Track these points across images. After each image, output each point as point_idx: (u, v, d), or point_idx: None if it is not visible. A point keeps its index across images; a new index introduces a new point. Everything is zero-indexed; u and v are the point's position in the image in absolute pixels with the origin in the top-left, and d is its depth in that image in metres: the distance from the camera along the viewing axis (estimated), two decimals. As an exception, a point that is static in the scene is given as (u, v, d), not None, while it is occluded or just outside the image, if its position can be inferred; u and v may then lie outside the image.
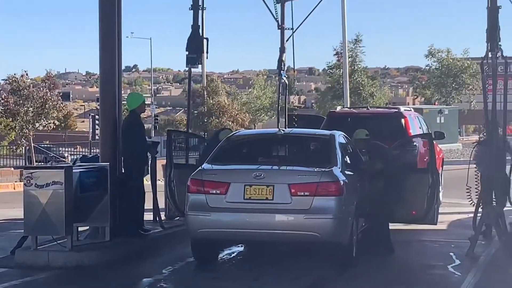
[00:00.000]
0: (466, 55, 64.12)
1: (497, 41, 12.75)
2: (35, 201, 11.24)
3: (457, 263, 11.90)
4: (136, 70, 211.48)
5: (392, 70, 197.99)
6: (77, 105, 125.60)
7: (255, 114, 63.99)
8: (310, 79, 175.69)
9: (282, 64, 20.51)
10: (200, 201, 10.91)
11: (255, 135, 14.66)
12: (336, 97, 55.26)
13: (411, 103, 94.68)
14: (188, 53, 15.34)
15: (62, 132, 65.82)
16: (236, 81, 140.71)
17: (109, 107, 13.03)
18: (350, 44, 53.69)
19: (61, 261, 11.28)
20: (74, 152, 47.12)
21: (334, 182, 10.76)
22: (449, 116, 47.88)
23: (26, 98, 38.17)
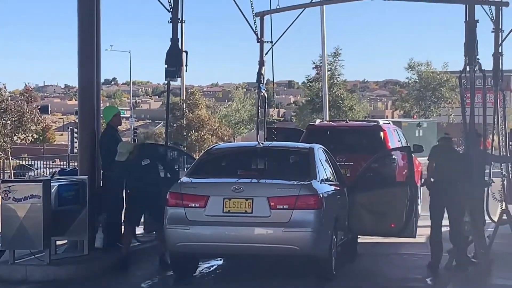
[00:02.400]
0: (446, 68, 64.60)
1: (475, 54, 12.82)
2: (12, 215, 11.18)
3: (435, 276, 11.92)
4: (115, 83, 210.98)
5: (371, 83, 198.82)
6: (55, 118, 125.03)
7: (235, 127, 63.95)
8: (290, 92, 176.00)
9: (261, 77, 20.51)
10: (179, 215, 10.87)
11: (234, 148, 14.65)
12: (315, 110, 55.38)
13: (390, 116, 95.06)
14: (167, 66, 15.30)
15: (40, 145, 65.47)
16: (216, 94, 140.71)
17: (87, 120, 13.00)
18: (330, 58, 53.92)
19: (38, 275, 11.20)
20: (53, 166, 46.86)
21: (313, 195, 10.76)
22: (428, 129, 48.02)
23: (4, 111, 37.94)
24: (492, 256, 12.63)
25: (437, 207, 12.42)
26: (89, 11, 12.93)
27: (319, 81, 52.50)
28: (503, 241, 14.03)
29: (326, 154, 12.61)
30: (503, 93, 16.73)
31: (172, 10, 15.29)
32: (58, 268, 11.38)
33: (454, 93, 60.54)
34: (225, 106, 72.56)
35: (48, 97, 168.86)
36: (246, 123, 66.37)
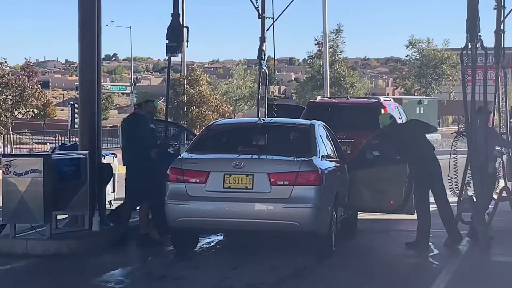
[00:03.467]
0: (447, 45, 64.37)
1: (476, 31, 12.78)
2: (13, 189, 11.20)
3: (435, 253, 11.98)
4: (116, 59, 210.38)
5: (372, 60, 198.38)
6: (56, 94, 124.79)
7: (235, 103, 63.89)
8: (290, 69, 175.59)
9: (262, 53, 20.50)
10: (180, 190, 10.90)
11: (235, 124, 14.66)
12: (316, 87, 55.29)
13: (391, 94, 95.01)
14: (168, 41, 15.27)
15: (41, 120, 65.47)
16: (216, 71, 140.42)
17: (88, 95, 12.98)
18: (331, 34, 53.75)
19: (39, 249, 11.25)
20: (54, 141, 46.89)
21: (314, 172, 10.78)
22: (428, 106, 48.01)
23: (5, 86, 37.91)
24: (492, 233, 12.67)
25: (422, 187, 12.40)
26: (90, -15, 12.87)
27: (320, 58, 52.37)
28: (503, 218, 14.07)
29: (327, 131, 12.62)
30: (504, 70, 16.73)
31: (173, -15, 15.25)
32: (59, 242, 11.42)
33: (455, 70, 60.40)
34: (225, 82, 72.48)
35: (49, 73, 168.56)
36: (247, 99, 66.33)
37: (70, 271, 10.36)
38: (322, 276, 10.20)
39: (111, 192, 15.36)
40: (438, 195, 12.40)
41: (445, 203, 12.40)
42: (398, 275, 10.41)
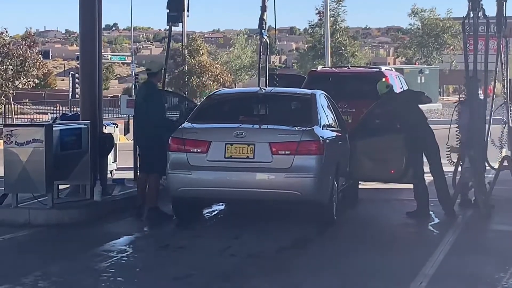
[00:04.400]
0: (449, 15, 64.07)
1: (478, 0, 12.73)
2: (15, 159, 11.22)
3: (436, 222, 12.02)
4: (116, 29, 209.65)
5: (373, 30, 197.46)
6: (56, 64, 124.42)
7: (236, 73, 63.78)
8: (291, 39, 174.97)
9: (263, 23, 20.39)
10: (181, 160, 10.92)
11: (236, 94, 14.66)
12: (317, 56, 55.13)
13: (392, 63, 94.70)
14: (169, 11, 15.24)
15: (42, 90, 65.39)
16: (217, 41, 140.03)
17: (89, 65, 12.95)
18: (332, 3, 53.50)
19: (41, 219, 11.29)
20: (54, 111, 46.89)
21: (315, 141, 10.79)
22: (429, 76, 47.99)
23: (6, 56, 37.83)
24: (492, 202, 12.70)
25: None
26: (90, -46, 12.80)
27: (321, 27, 52.18)
28: (504, 187, 14.09)
29: (328, 100, 12.60)
30: (506, 39, 16.64)
31: (174, -46, 15.20)
32: (61, 212, 11.46)
33: (457, 39, 60.12)
34: (226, 52, 72.28)
35: (49, 42, 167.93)
36: (248, 69, 66.19)
37: (72, 241, 10.41)
38: (324, 245, 10.24)
39: (112, 162, 15.39)
40: (431, 159, 12.40)
41: (439, 171, 12.39)
42: (398, 245, 10.44)
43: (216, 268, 8.77)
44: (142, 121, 11.96)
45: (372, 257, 9.41)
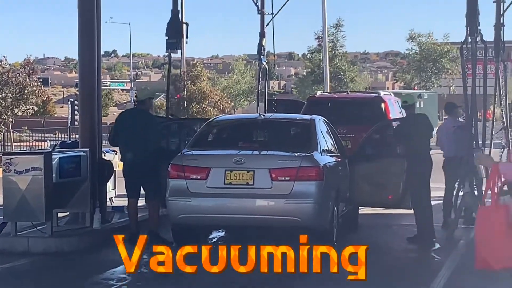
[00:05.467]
0: (447, 39, 64.34)
1: (476, 25, 12.79)
2: (14, 187, 11.19)
3: (437, 247, 11.97)
4: (115, 55, 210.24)
5: (371, 54, 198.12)
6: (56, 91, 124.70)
7: (235, 99, 63.91)
8: (290, 64, 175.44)
9: (262, 49, 20.52)
10: (181, 187, 10.90)
11: (236, 120, 14.66)
12: (316, 82, 55.29)
13: (391, 88, 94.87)
14: (167, 38, 15.27)
15: (41, 118, 65.44)
16: (216, 66, 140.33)
17: (88, 92, 12.97)
18: (331, 29, 53.73)
19: (40, 247, 11.24)
20: (54, 138, 46.87)
21: (315, 167, 10.77)
22: (428, 100, 47.95)
23: (5, 84, 37.87)
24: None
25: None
26: (89, -18, 12.85)
27: (320, 53, 52.34)
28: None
29: (327, 126, 12.60)
30: (504, 64, 16.70)
31: (172, -19, 15.26)
32: (60, 240, 11.42)
33: (455, 64, 60.38)
34: (225, 78, 72.47)
35: (48, 70, 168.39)
36: (247, 95, 66.33)
37: (72, 269, 10.36)
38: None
39: (111, 189, 15.35)
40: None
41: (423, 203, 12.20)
42: (399, 270, 10.40)
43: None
44: (140, 149, 11.89)
45: (374, 283, 9.35)
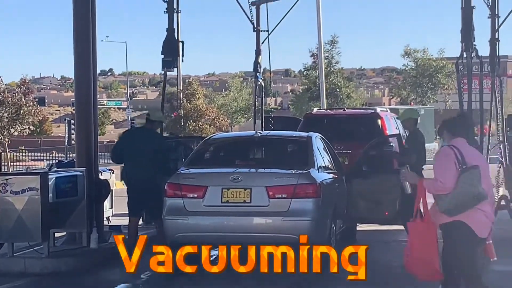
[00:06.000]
0: (442, 55, 64.50)
1: (471, 41, 12.83)
2: (10, 208, 11.17)
3: (435, 263, 11.90)
4: (112, 74, 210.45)
5: (367, 70, 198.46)
6: (52, 110, 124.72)
7: (232, 116, 63.97)
8: (286, 81, 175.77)
9: (258, 66, 20.57)
10: (178, 205, 10.87)
11: (232, 138, 14.65)
12: (312, 98, 55.34)
13: (387, 104, 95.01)
14: (163, 56, 15.30)
15: (37, 137, 65.42)
16: (213, 84, 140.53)
17: (84, 111, 12.96)
18: (327, 46, 53.85)
19: (37, 268, 11.20)
20: (50, 157, 46.84)
21: (312, 184, 10.75)
22: (425, 116, 48.01)
23: (1, 104, 37.91)
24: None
25: None
26: (84, 2, 12.88)
27: (316, 69, 52.44)
28: (502, 227, 14.01)
29: (324, 143, 12.59)
30: (500, 79, 16.73)
31: (167, 0, 15.29)
32: (57, 260, 11.37)
33: (451, 79, 60.48)
34: (222, 95, 72.53)
35: (45, 89, 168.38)
36: (243, 112, 66.39)
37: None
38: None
39: (108, 209, 15.32)
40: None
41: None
42: (398, 287, 10.35)
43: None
44: (148, 168, 11.84)
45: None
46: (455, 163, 7.65)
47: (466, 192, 7.53)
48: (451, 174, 7.60)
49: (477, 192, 7.60)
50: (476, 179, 7.59)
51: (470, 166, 7.64)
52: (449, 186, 7.59)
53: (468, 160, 7.70)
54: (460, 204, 7.58)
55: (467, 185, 7.53)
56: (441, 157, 7.85)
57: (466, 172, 7.57)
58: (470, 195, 7.54)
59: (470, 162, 7.68)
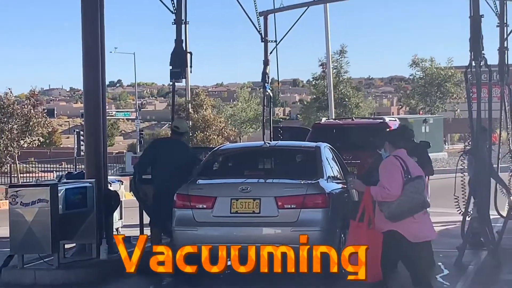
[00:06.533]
0: (450, 64, 64.44)
1: (480, 49, 12.80)
2: (20, 220, 11.18)
3: (445, 273, 11.90)
4: (120, 85, 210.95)
5: (376, 80, 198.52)
6: (61, 121, 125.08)
7: (240, 126, 63.97)
8: (295, 91, 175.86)
9: (266, 76, 20.57)
10: (187, 216, 10.87)
11: (241, 148, 14.64)
12: (321, 108, 55.34)
13: (396, 113, 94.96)
14: (172, 67, 15.31)
15: (47, 148, 65.57)
16: (221, 94, 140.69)
17: (93, 122, 12.98)
18: (335, 55, 53.84)
19: (47, 279, 11.21)
20: (60, 169, 46.93)
21: (321, 194, 10.74)
22: (434, 125, 48.00)
23: (11, 116, 38.00)
24: (501, 252, 12.60)
25: None
26: (93, 13, 12.92)
27: (324, 79, 52.44)
28: (511, 236, 13.98)
29: (333, 153, 12.59)
30: (509, 87, 16.70)
31: (175, 11, 15.33)
32: (67, 272, 11.38)
33: (459, 88, 60.40)
34: (230, 105, 72.58)
35: (54, 100, 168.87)
36: (252, 122, 66.36)
37: (79, 301, 10.31)
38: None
39: (118, 220, 15.32)
40: None
41: None
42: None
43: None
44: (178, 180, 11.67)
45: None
46: (401, 172, 8.17)
47: (412, 200, 8.07)
48: (398, 182, 8.13)
49: (422, 200, 8.20)
50: (421, 188, 8.20)
51: (416, 176, 8.18)
52: (395, 194, 8.11)
53: (412, 170, 8.23)
54: (407, 210, 8.10)
55: (413, 194, 8.07)
56: (388, 166, 8.31)
57: (413, 182, 8.11)
58: (416, 202, 8.10)
59: (413, 172, 8.23)
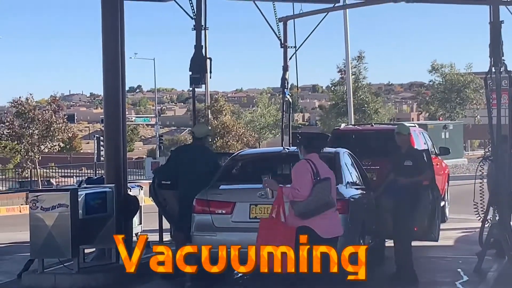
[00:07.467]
0: (470, 69, 64.23)
1: (500, 55, 12.76)
2: (41, 224, 11.25)
3: (465, 279, 11.85)
4: (140, 91, 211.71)
5: (395, 86, 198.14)
6: (81, 127, 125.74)
7: (260, 132, 64.03)
8: (314, 97, 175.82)
9: (286, 82, 20.57)
10: (206, 221, 10.90)
11: (260, 154, 14.65)
12: (340, 114, 55.32)
13: (416, 119, 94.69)
14: (191, 73, 15.34)
15: (67, 154, 65.92)
16: (240, 100, 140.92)
17: (113, 128, 13.05)
18: (354, 61, 53.81)
19: (67, 284, 11.27)
20: (80, 174, 47.16)
21: (340, 200, 10.71)
22: (454, 131, 47.82)
23: (31, 121, 38.26)
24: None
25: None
26: (113, 20, 12.99)
27: (343, 85, 52.41)
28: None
29: (352, 158, 12.57)
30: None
31: (195, 17, 15.37)
32: (87, 276, 11.43)
33: (479, 94, 60.24)
34: (250, 111, 72.68)
35: (74, 106, 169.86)
36: (271, 128, 66.44)
37: (99, 305, 10.35)
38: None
39: (137, 225, 15.36)
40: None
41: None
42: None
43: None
44: (202, 185, 11.64)
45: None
46: (311, 175, 8.84)
47: (319, 199, 8.74)
48: (307, 183, 8.81)
49: (328, 199, 8.82)
50: (327, 189, 8.84)
51: (323, 178, 8.85)
52: (304, 194, 8.77)
53: (321, 172, 8.90)
54: (314, 209, 8.74)
55: (320, 194, 8.75)
56: (299, 169, 9.05)
57: (320, 183, 8.76)
58: (322, 202, 8.76)
59: (323, 174, 8.89)
